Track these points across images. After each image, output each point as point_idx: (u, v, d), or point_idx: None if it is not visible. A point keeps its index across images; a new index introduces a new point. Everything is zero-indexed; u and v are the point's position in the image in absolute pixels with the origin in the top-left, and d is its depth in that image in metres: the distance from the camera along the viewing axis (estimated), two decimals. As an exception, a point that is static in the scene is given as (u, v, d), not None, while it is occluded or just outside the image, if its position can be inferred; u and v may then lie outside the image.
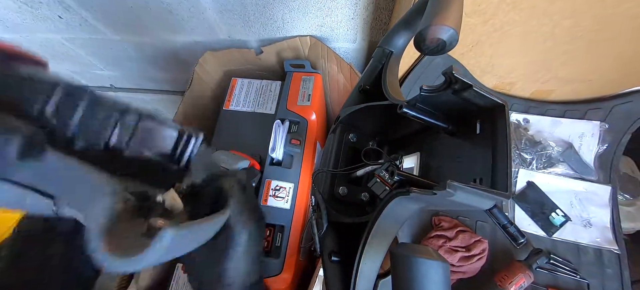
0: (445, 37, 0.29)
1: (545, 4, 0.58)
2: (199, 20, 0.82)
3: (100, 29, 0.92)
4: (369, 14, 0.73)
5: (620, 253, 0.70)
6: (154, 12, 0.81)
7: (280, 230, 0.69)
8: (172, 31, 0.89)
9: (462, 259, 0.69)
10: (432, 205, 0.34)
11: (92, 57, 1.12)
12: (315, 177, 0.53)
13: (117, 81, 1.32)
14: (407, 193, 0.32)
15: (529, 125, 0.82)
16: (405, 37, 0.49)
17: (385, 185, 0.41)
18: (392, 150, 0.57)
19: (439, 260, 0.26)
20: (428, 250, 0.27)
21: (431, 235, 0.73)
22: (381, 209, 0.36)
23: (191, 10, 0.79)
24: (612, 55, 0.67)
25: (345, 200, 0.52)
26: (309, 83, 0.83)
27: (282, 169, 0.74)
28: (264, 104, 0.85)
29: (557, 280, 0.70)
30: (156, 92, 1.36)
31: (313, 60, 0.87)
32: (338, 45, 0.86)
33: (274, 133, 0.73)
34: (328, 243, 0.47)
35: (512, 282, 0.66)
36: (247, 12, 0.77)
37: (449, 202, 0.28)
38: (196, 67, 0.87)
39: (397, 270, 0.28)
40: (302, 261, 0.72)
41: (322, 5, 0.72)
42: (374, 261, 0.38)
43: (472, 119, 0.38)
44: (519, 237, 0.75)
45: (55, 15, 0.88)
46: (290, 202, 0.71)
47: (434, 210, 0.77)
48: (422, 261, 0.26)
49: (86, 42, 1.01)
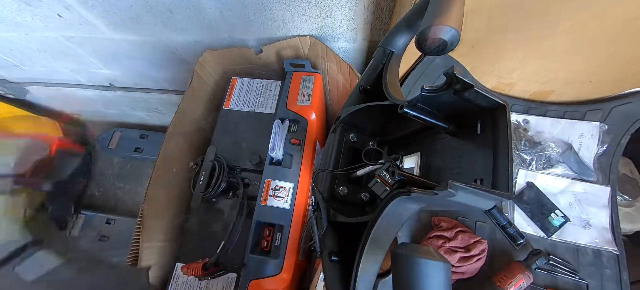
0: (447, 37, 0.29)
1: (546, 6, 0.58)
2: (198, 19, 0.82)
3: (100, 28, 0.92)
4: (369, 13, 0.73)
5: (619, 254, 0.70)
6: (154, 11, 0.81)
7: (280, 230, 0.69)
8: (172, 30, 0.89)
9: (462, 259, 0.69)
10: (433, 205, 0.33)
11: (92, 56, 1.11)
12: (316, 177, 0.53)
13: (116, 80, 1.32)
14: (408, 193, 0.32)
15: (529, 126, 0.82)
16: (406, 37, 0.49)
17: (385, 185, 0.41)
18: (393, 150, 0.57)
19: (441, 261, 0.26)
20: (430, 251, 0.27)
21: (430, 236, 0.73)
22: (382, 209, 0.36)
23: (191, 9, 0.79)
24: (611, 56, 0.67)
25: (346, 200, 0.52)
26: (309, 83, 0.83)
27: (281, 169, 0.74)
28: (263, 104, 0.85)
29: (556, 280, 0.70)
30: (155, 91, 1.36)
31: (313, 60, 0.87)
32: (338, 45, 0.86)
33: (274, 133, 0.73)
34: (328, 243, 0.47)
35: (511, 282, 0.66)
36: (247, 11, 0.77)
37: (449, 203, 0.28)
38: (196, 66, 0.87)
39: (398, 270, 0.28)
40: (301, 261, 0.72)
41: (323, 5, 0.72)
42: (374, 261, 0.38)
43: (473, 119, 0.38)
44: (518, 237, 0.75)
45: (54, 13, 0.87)
46: (289, 202, 0.71)
47: (434, 211, 0.77)
48: (424, 261, 0.26)
49: (86, 40, 1.01)
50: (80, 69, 1.23)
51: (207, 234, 0.76)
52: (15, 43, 1.07)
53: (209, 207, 0.78)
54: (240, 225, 0.70)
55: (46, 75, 1.34)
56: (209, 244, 0.73)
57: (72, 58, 1.13)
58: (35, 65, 1.25)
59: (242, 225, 0.70)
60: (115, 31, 0.93)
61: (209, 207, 0.78)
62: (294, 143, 0.75)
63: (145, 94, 1.39)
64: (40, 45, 1.06)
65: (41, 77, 1.36)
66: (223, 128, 0.84)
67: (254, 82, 0.88)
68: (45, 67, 1.25)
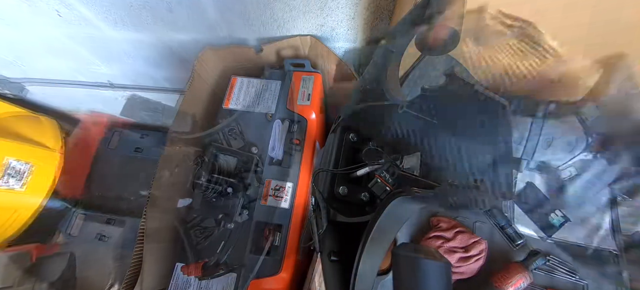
0: (448, 37, 0.29)
1: (546, 8, 0.58)
2: (198, 18, 0.82)
3: (100, 26, 0.92)
4: (369, 14, 0.73)
5: (618, 254, 0.70)
6: (154, 10, 0.81)
7: (279, 229, 0.69)
8: (171, 29, 0.89)
9: (461, 259, 0.69)
10: (433, 205, 0.33)
11: (91, 54, 1.11)
12: (316, 177, 0.53)
13: (115, 78, 1.31)
14: (408, 193, 0.32)
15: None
16: (406, 37, 0.49)
17: (385, 185, 0.41)
18: (393, 150, 0.57)
19: (441, 261, 0.26)
20: (431, 251, 0.27)
21: (429, 236, 0.73)
22: (382, 209, 0.36)
23: (191, 8, 0.79)
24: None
25: (346, 200, 0.52)
26: (309, 82, 0.82)
27: (281, 169, 0.74)
28: (263, 103, 0.85)
29: (555, 281, 0.70)
30: (154, 90, 1.36)
31: (313, 60, 0.87)
32: (338, 45, 0.86)
33: (274, 132, 0.73)
34: (328, 243, 0.47)
35: (510, 283, 0.66)
36: (248, 10, 0.77)
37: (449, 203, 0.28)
38: (196, 63, 0.87)
39: (399, 270, 0.28)
40: (300, 260, 0.72)
41: (323, 5, 0.72)
42: (373, 261, 0.38)
43: (473, 119, 0.38)
44: (517, 238, 0.75)
45: (54, 11, 0.87)
46: (289, 202, 0.71)
47: (433, 211, 0.77)
48: (426, 262, 0.26)
49: (85, 39, 1.01)
50: (80, 67, 1.22)
51: (207, 233, 0.76)
52: (14, 41, 1.07)
53: (209, 207, 0.78)
54: (240, 225, 0.70)
55: (45, 74, 1.33)
56: (209, 244, 0.73)
57: (71, 56, 1.13)
58: (34, 64, 1.25)
59: (242, 225, 0.70)
60: (115, 29, 0.93)
61: (209, 207, 0.78)
62: (294, 143, 0.75)
63: (144, 93, 1.39)
64: (40, 43, 1.06)
65: (40, 75, 1.36)
66: (223, 127, 0.84)
67: (254, 81, 0.88)
68: (45, 65, 1.24)
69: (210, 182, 0.60)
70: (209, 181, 0.60)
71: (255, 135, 0.79)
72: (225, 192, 0.62)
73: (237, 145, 0.65)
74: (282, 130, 0.74)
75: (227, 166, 0.65)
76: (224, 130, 0.64)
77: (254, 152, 0.64)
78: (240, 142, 0.65)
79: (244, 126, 0.82)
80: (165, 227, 0.78)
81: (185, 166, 0.80)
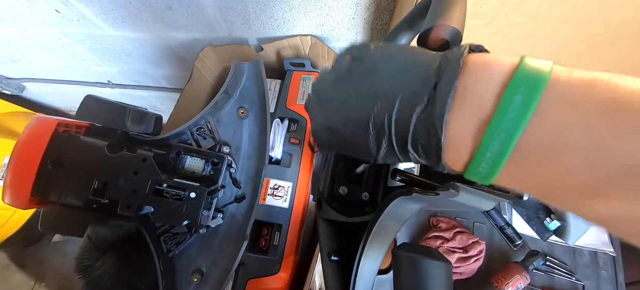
0: (449, 38, 0.29)
1: (546, 8, 0.58)
2: (198, 17, 0.82)
3: (98, 25, 0.92)
4: (370, 14, 0.73)
5: (616, 255, 0.70)
6: (153, 8, 0.81)
7: (278, 229, 0.69)
8: (171, 28, 0.89)
9: (460, 260, 0.69)
10: (433, 205, 0.33)
11: (90, 53, 1.11)
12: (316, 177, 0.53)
13: (114, 77, 1.31)
14: (409, 193, 0.32)
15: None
16: (407, 37, 0.49)
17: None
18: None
19: (442, 261, 0.26)
20: (432, 251, 0.27)
21: (429, 236, 0.73)
22: (382, 208, 0.36)
23: (191, 6, 0.78)
24: (611, 59, 0.68)
25: (346, 199, 0.52)
26: (309, 82, 0.82)
27: (280, 168, 0.74)
28: (263, 103, 0.85)
29: (553, 281, 0.71)
30: (154, 89, 1.35)
31: (313, 60, 0.87)
32: (339, 44, 0.86)
33: (273, 132, 0.73)
34: (327, 243, 0.47)
35: (509, 283, 0.66)
36: (248, 10, 0.77)
37: (450, 203, 0.28)
38: (196, 62, 0.87)
39: (400, 270, 0.28)
40: (300, 260, 0.72)
41: (323, 5, 0.72)
42: (374, 261, 0.38)
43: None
44: (516, 238, 0.75)
45: (52, 9, 0.87)
46: (288, 201, 0.71)
47: (432, 211, 0.77)
48: (427, 262, 0.26)
49: (84, 37, 1.00)
50: (78, 65, 1.22)
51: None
52: (12, 39, 1.06)
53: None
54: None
55: (43, 72, 1.33)
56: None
57: (69, 54, 1.13)
58: (32, 62, 1.24)
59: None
60: (114, 28, 0.93)
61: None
62: (294, 142, 0.75)
63: (144, 92, 1.39)
64: (38, 41, 1.06)
65: (38, 73, 1.35)
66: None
67: (254, 80, 0.88)
68: (43, 63, 1.24)
69: (170, 187, 0.57)
70: (169, 187, 0.57)
71: (227, 134, 0.77)
72: (188, 197, 0.58)
73: (207, 145, 0.63)
74: (282, 129, 0.74)
75: (195, 168, 0.62)
76: (191, 130, 0.62)
77: (225, 151, 0.62)
78: (210, 142, 0.63)
79: (214, 124, 0.80)
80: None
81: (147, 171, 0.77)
